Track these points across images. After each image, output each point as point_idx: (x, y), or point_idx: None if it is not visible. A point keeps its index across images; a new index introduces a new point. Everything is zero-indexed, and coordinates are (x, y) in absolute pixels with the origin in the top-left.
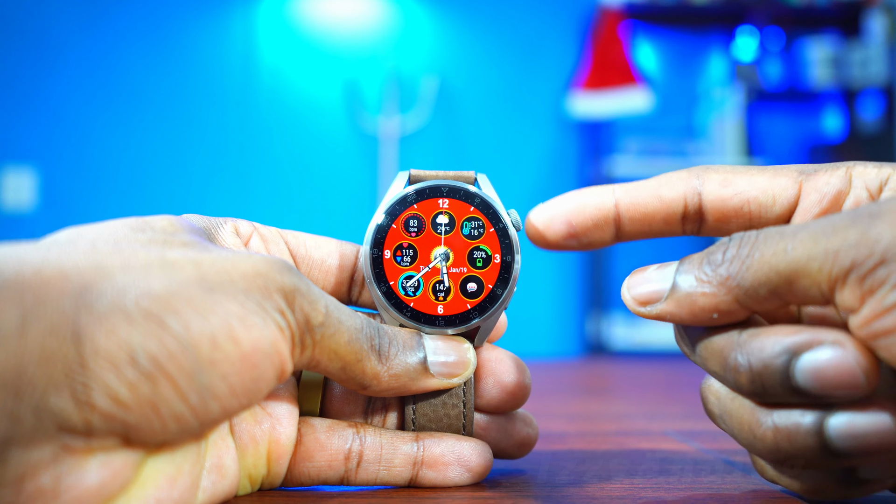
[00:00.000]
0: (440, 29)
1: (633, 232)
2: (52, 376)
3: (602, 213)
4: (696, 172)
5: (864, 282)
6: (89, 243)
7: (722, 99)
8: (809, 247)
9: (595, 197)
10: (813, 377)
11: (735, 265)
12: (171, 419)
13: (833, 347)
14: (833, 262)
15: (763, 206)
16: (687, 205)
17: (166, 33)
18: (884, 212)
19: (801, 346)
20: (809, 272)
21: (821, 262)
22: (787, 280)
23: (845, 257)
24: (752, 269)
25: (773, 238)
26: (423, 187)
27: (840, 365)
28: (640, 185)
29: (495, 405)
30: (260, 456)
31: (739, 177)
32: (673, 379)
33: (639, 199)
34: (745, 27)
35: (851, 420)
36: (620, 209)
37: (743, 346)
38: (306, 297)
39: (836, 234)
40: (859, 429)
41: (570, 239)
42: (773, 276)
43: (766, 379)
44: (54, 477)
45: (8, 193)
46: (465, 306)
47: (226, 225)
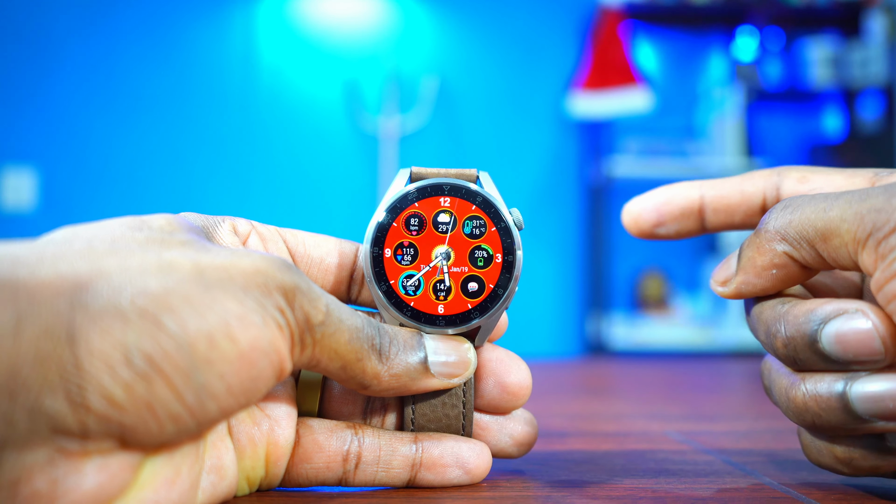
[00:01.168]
0: (440, 29)
1: (717, 223)
2: (47, 378)
3: (689, 204)
4: (777, 170)
5: (879, 246)
6: (86, 243)
7: (722, 99)
8: (844, 209)
9: (683, 190)
10: (836, 342)
11: (781, 219)
12: (168, 420)
13: (854, 315)
14: (858, 224)
15: None
16: (766, 199)
17: (166, 33)
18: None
19: (829, 315)
20: (840, 232)
21: (850, 223)
22: (822, 236)
23: (868, 221)
24: (794, 224)
25: (817, 199)
26: (425, 185)
27: (860, 332)
28: (726, 180)
29: (496, 405)
30: (258, 457)
31: (818, 175)
32: (673, 379)
33: (722, 193)
34: (745, 27)
35: (870, 384)
36: (705, 201)
37: (783, 316)
38: (306, 296)
39: (867, 200)
40: (877, 392)
41: (658, 227)
42: (812, 232)
43: (798, 343)
44: (50, 480)
45: (8, 193)
46: (465, 306)
47: (224, 223)
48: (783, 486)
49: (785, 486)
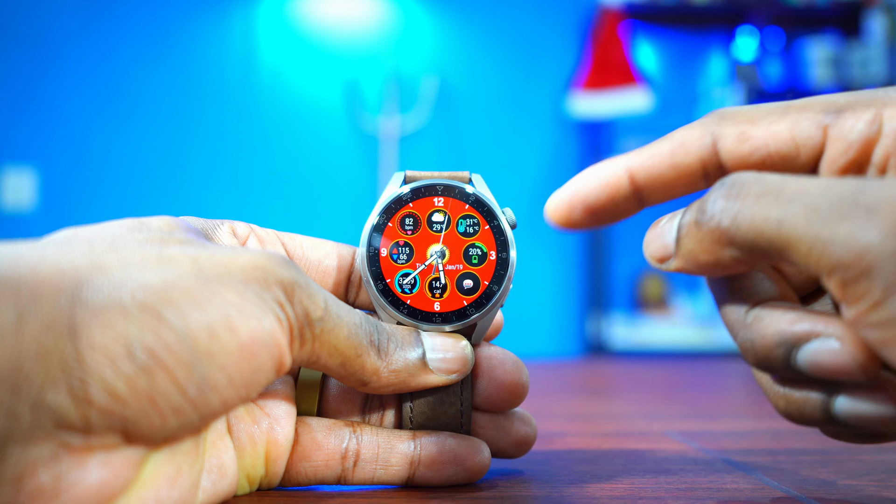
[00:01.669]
0: (440, 29)
1: (656, 200)
2: (49, 372)
3: (618, 189)
4: (709, 127)
5: (845, 288)
6: (86, 242)
7: (722, 99)
8: (801, 228)
9: (608, 176)
10: (812, 367)
11: (726, 219)
12: (171, 412)
13: (828, 341)
14: (820, 254)
15: (786, 158)
16: (706, 167)
17: (166, 33)
18: (879, 211)
19: (799, 338)
20: (799, 252)
21: (809, 246)
22: (778, 252)
23: (831, 254)
24: (741, 230)
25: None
26: (419, 186)
27: (836, 360)
28: (653, 153)
29: (493, 403)
30: (258, 456)
31: (757, 127)
32: (673, 379)
33: (654, 171)
34: (745, 27)
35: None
36: (637, 182)
37: (748, 329)
38: (305, 291)
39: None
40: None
41: (593, 221)
42: (764, 244)
43: (771, 363)
44: (54, 475)
45: (8, 193)
46: (461, 303)
47: (223, 226)
48: (783, 486)
49: (785, 486)
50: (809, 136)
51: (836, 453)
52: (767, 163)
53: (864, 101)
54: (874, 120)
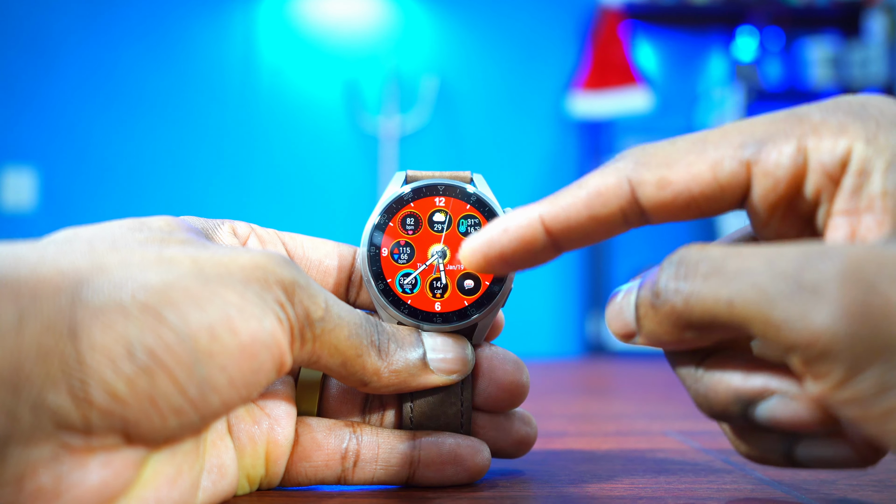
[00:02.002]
0: (440, 29)
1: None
2: (50, 373)
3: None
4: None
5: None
6: (86, 242)
7: (722, 99)
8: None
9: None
10: (771, 423)
11: (679, 302)
12: (171, 413)
13: (783, 400)
14: (776, 335)
15: (711, 199)
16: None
17: (166, 33)
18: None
19: (754, 396)
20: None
21: (763, 328)
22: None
23: (786, 337)
24: (696, 312)
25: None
26: (420, 186)
27: (795, 416)
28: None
29: (493, 403)
30: (258, 456)
31: (675, 171)
32: (673, 379)
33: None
34: (745, 27)
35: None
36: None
37: (700, 383)
38: (306, 291)
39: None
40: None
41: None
42: (720, 324)
43: (727, 416)
44: (55, 476)
45: (8, 193)
46: (462, 303)
47: (223, 226)
48: (783, 486)
49: (785, 486)
50: (732, 175)
51: None
52: (691, 206)
53: (785, 132)
54: (798, 153)
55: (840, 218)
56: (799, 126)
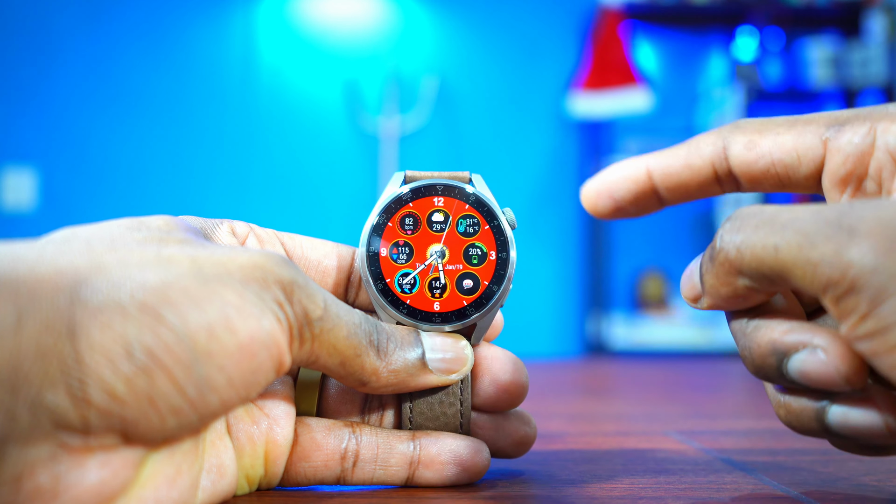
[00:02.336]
0: (440, 29)
1: (674, 199)
2: (48, 372)
3: (639, 185)
4: (723, 134)
5: (838, 304)
6: (85, 242)
7: (722, 99)
8: (794, 253)
9: (630, 170)
10: (801, 377)
11: (732, 251)
12: (170, 413)
13: (814, 353)
14: (813, 275)
15: (789, 167)
16: (716, 170)
17: (166, 33)
18: (860, 230)
19: (789, 349)
20: (795, 276)
21: (803, 270)
22: (780, 277)
23: (822, 274)
24: (746, 259)
25: (763, 230)
26: (419, 186)
27: (820, 370)
28: (671, 154)
29: (492, 403)
30: (257, 456)
31: (765, 137)
32: (673, 379)
33: (670, 170)
34: (745, 27)
35: (848, 413)
36: (655, 180)
37: (747, 337)
38: (304, 291)
39: (816, 246)
40: (854, 422)
41: (618, 212)
42: (766, 271)
43: (766, 371)
44: (53, 476)
45: (8, 193)
46: (461, 303)
47: (222, 225)
48: (783, 486)
49: (785, 486)
50: (810, 148)
51: (836, 453)
52: (771, 171)
53: (863, 116)
54: (868, 133)
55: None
56: (877, 112)
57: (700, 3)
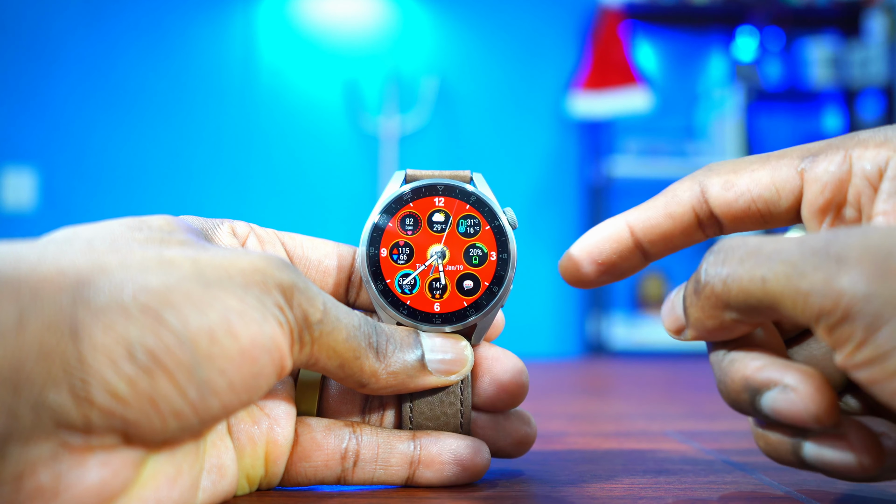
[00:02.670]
0: (440, 29)
1: (658, 251)
2: (51, 372)
3: (622, 244)
4: (698, 179)
5: (832, 333)
6: (86, 242)
7: (722, 99)
8: (783, 284)
9: (610, 231)
10: (773, 414)
11: (718, 284)
12: (171, 415)
13: (785, 392)
14: (804, 305)
15: (770, 202)
16: (698, 215)
17: (166, 33)
18: (848, 258)
19: (761, 386)
20: (785, 307)
21: (793, 301)
22: (769, 308)
23: (814, 304)
24: (733, 293)
25: (749, 262)
26: (419, 186)
27: (791, 409)
28: (649, 207)
29: (493, 403)
30: (258, 456)
31: (740, 176)
32: (673, 379)
33: (651, 222)
34: (745, 27)
35: (822, 451)
36: (637, 236)
37: (723, 370)
38: (304, 294)
39: (805, 276)
40: (829, 459)
41: (602, 276)
42: (754, 303)
43: (740, 406)
44: (54, 475)
45: (8, 193)
46: (461, 304)
47: (223, 226)
48: (783, 486)
49: (785, 486)
50: (787, 181)
51: None
52: (752, 207)
53: (836, 145)
54: (844, 161)
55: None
56: (849, 140)
57: (700, 3)
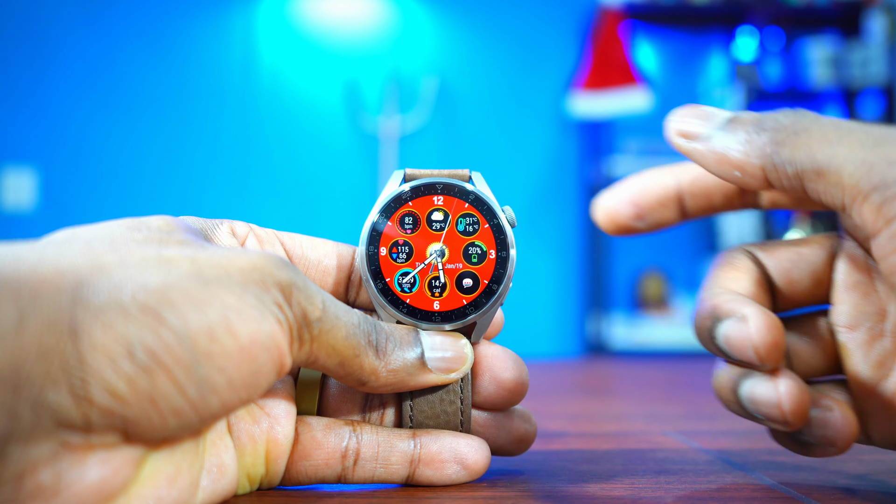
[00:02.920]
0: (440, 29)
1: (696, 208)
2: (50, 372)
3: (665, 191)
4: None
5: (883, 206)
6: (85, 242)
7: (722, 99)
8: (854, 150)
9: (657, 177)
10: (724, 342)
11: (781, 135)
12: (170, 413)
13: (738, 321)
14: (865, 174)
15: None
16: None
17: (166, 33)
18: None
19: (722, 314)
20: (841, 175)
21: (855, 167)
22: (819, 171)
23: (876, 173)
24: (792, 147)
25: (827, 127)
26: (418, 185)
27: (739, 337)
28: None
29: (493, 401)
30: (258, 455)
31: None
32: (673, 379)
33: (698, 176)
34: (745, 27)
35: (753, 389)
36: (682, 187)
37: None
38: (303, 292)
39: (880, 146)
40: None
41: (637, 220)
42: (808, 162)
43: (702, 334)
44: (54, 474)
45: (8, 193)
46: (461, 302)
47: (222, 226)
48: (783, 486)
49: (785, 486)
50: None
51: None
52: None
53: None
54: None
55: None
56: None
57: (700, 3)
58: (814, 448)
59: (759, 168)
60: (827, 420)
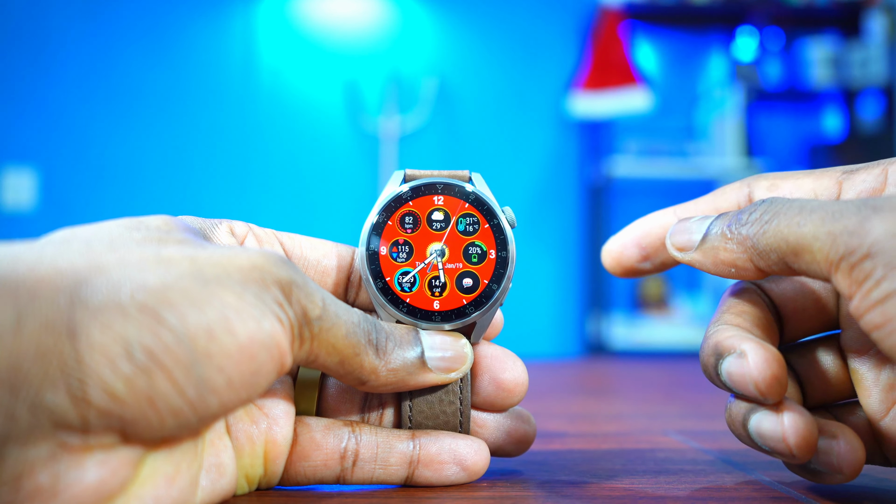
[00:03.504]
0: (440, 29)
1: None
2: (48, 372)
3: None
4: (747, 181)
5: (852, 271)
6: (84, 242)
7: (722, 99)
8: (817, 226)
9: (660, 218)
10: (727, 378)
11: (755, 227)
12: (169, 414)
13: (738, 357)
14: (831, 245)
15: None
16: None
17: (166, 33)
18: (884, 207)
19: (723, 351)
20: (812, 250)
21: (822, 242)
22: (794, 251)
23: (840, 244)
24: (767, 235)
25: (793, 210)
26: (419, 185)
27: (739, 372)
28: (699, 202)
29: (492, 402)
30: (257, 455)
31: (786, 181)
32: (673, 379)
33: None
34: (745, 27)
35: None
36: None
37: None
38: (303, 290)
39: (840, 219)
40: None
41: (643, 262)
42: (783, 245)
43: (708, 371)
44: (52, 475)
45: (8, 193)
46: (460, 301)
47: (221, 225)
48: (783, 486)
49: (785, 486)
50: (826, 188)
51: None
52: None
53: (875, 164)
54: (881, 174)
55: None
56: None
57: (700, 3)
58: (823, 475)
59: (748, 260)
60: (831, 448)
